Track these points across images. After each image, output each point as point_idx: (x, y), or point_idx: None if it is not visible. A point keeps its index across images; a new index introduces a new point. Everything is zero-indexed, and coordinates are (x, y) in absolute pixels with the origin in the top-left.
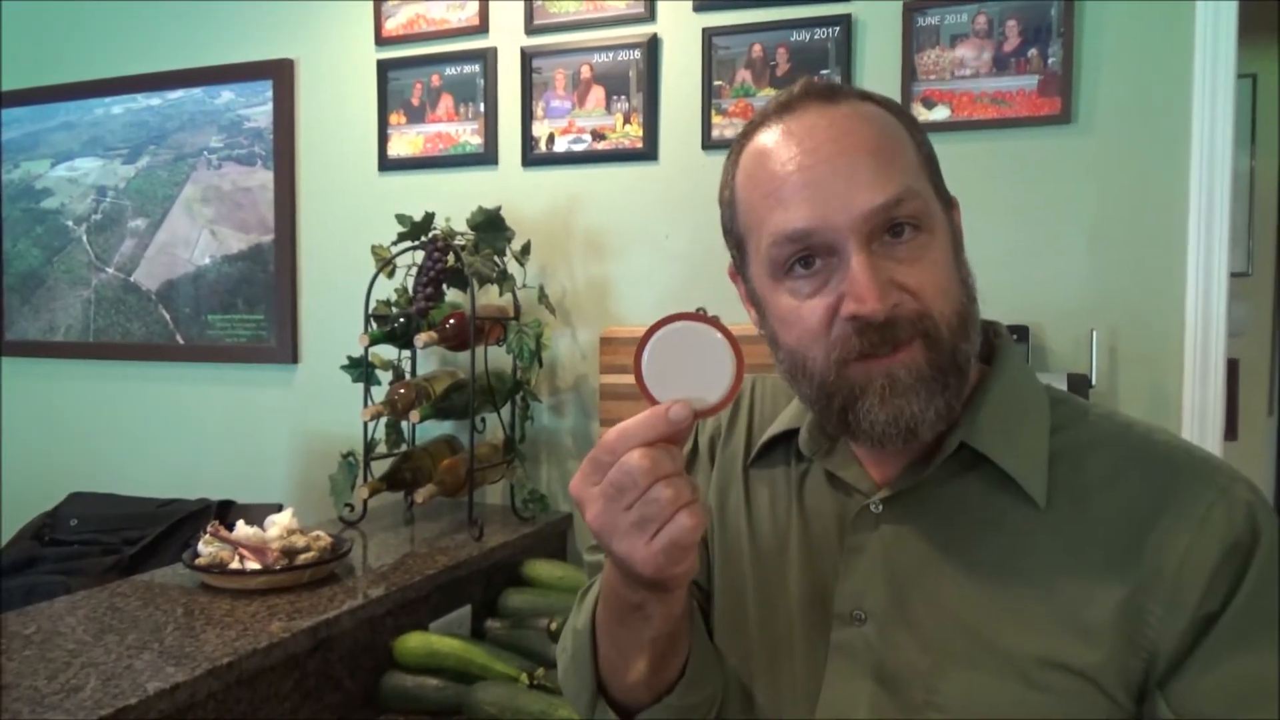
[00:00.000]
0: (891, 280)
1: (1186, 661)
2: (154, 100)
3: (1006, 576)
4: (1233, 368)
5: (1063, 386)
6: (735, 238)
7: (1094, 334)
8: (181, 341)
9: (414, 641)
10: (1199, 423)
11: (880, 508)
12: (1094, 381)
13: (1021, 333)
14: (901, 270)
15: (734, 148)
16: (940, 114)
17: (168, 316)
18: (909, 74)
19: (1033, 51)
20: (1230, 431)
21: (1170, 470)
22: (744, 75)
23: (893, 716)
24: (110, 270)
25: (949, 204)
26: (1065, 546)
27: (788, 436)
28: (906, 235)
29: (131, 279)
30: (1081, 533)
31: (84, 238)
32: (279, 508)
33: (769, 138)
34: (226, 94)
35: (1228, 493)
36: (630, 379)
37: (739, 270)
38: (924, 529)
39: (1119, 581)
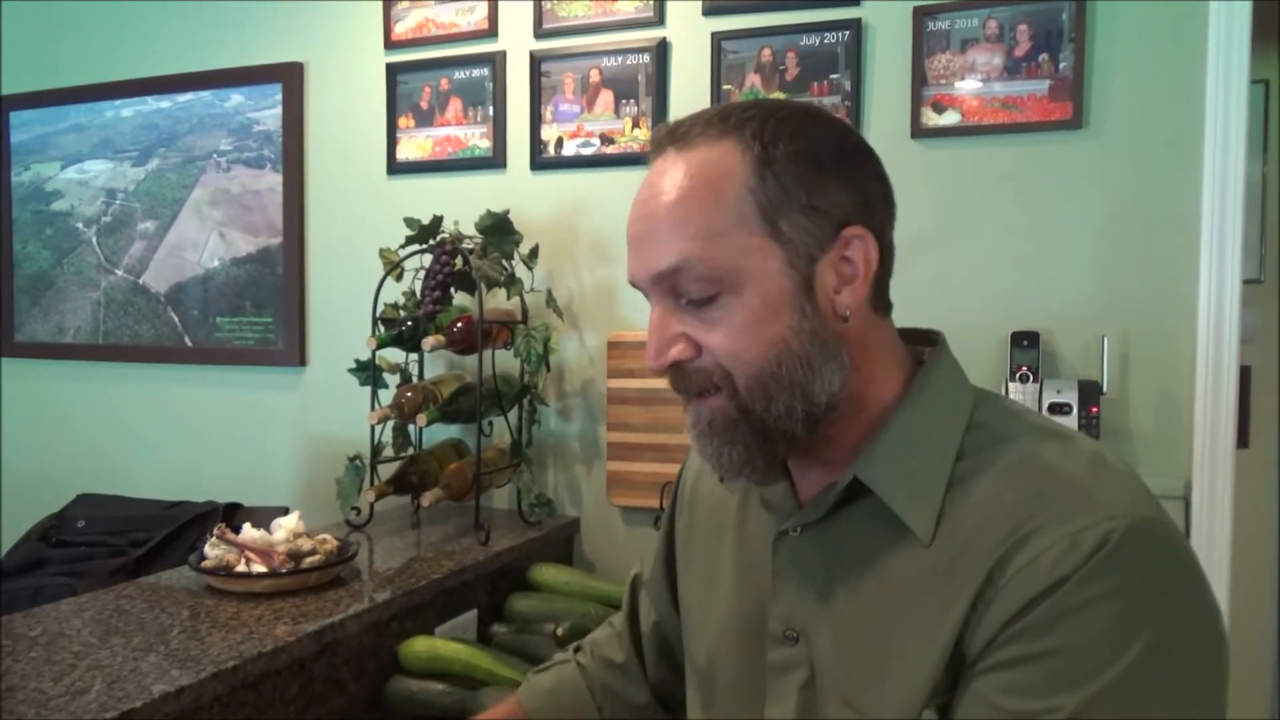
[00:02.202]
0: (684, 335)
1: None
2: (164, 103)
3: (888, 609)
4: (1244, 375)
5: (1073, 394)
6: None
7: (1105, 340)
8: (190, 344)
9: (419, 646)
10: (1211, 430)
11: (799, 531)
12: (1105, 388)
13: (1031, 339)
14: (698, 328)
15: None
16: (950, 119)
17: (176, 319)
18: (919, 78)
19: (1044, 56)
20: (1242, 439)
21: (1043, 500)
22: (753, 79)
23: None
24: (119, 272)
25: (818, 243)
26: (939, 579)
27: None
28: (702, 301)
29: (140, 281)
30: (954, 564)
31: (93, 240)
32: (285, 510)
33: None
34: (236, 97)
35: (1082, 531)
36: (638, 383)
37: None
38: (828, 556)
39: (957, 613)
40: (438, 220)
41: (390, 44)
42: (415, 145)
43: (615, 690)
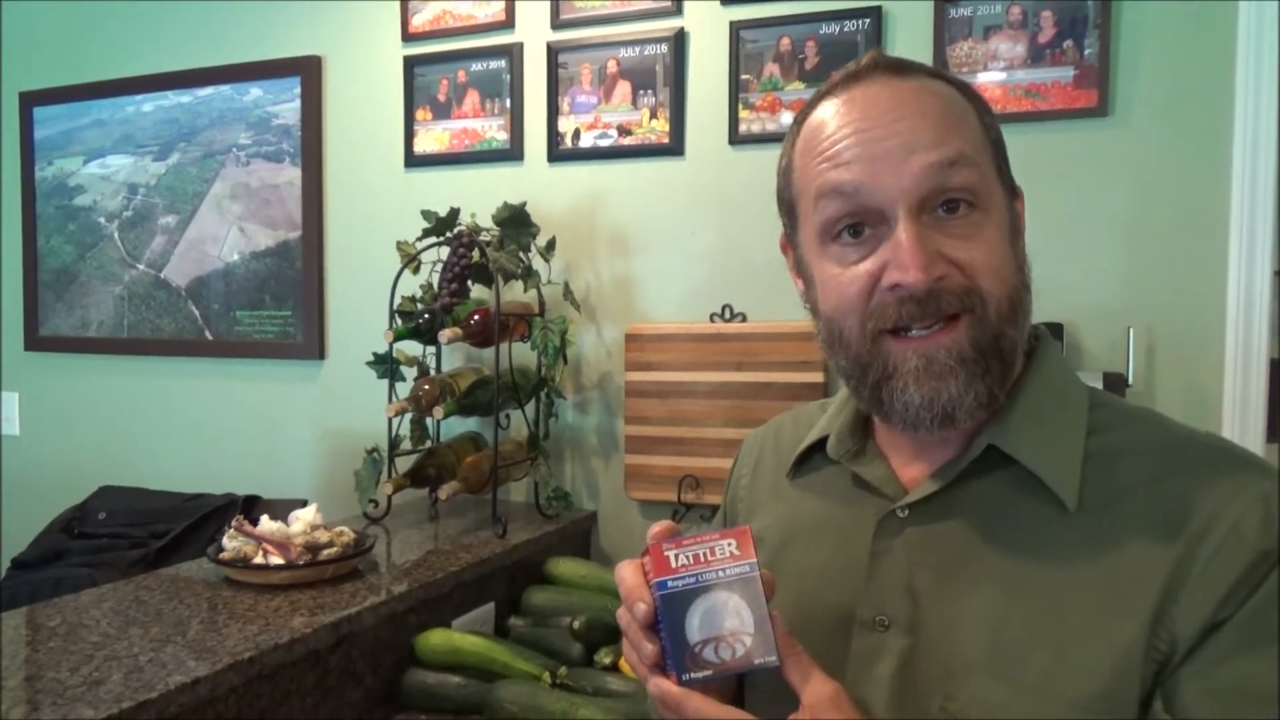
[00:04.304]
0: (940, 253)
1: (1188, 661)
2: (184, 98)
3: (1030, 584)
4: (1274, 368)
5: (1098, 385)
6: (787, 205)
7: (1131, 332)
8: (210, 337)
9: (436, 638)
10: (1239, 423)
11: (906, 512)
12: (1131, 381)
13: (1056, 330)
14: (952, 244)
15: (797, 117)
16: None
17: (197, 312)
18: (941, 66)
19: (1068, 43)
20: (1272, 433)
21: (1208, 472)
22: (772, 69)
23: None
24: (141, 266)
25: (1012, 192)
26: (1095, 552)
27: (822, 447)
28: (960, 211)
29: (162, 275)
30: (1113, 538)
31: (115, 234)
32: (304, 503)
33: (831, 105)
34: (255, 91)
35: (1267, 498)
36: (656, 376)
37: (789, 240)
38: (949, 534)
39: (1149, 588)
40: (455, 213)
41: (407, 36)
42: (433, 138)
43: None
